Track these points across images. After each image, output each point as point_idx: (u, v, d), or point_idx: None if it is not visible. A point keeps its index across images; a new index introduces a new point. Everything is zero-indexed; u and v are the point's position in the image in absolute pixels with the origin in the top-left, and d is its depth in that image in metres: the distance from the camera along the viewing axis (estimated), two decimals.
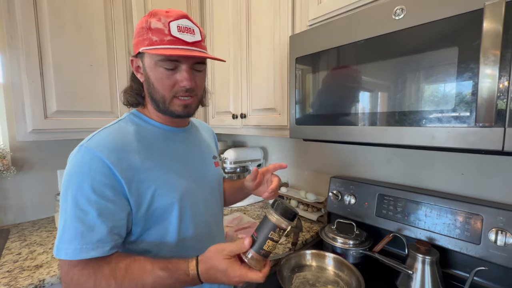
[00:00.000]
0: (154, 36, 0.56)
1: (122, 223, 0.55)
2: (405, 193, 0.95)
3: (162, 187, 0.60)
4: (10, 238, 1.12)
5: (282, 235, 0.55)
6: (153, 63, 0.58)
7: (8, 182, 1.24)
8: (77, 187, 0.52)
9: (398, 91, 0.67)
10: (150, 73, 0.59)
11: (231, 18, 1.35)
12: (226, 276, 0.52)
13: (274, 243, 0.54)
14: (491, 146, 0.54)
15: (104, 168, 0.53)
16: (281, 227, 0.54)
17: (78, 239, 0.50)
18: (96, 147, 0.54)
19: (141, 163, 0.58)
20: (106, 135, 0.58)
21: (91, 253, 0.50)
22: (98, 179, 0.52)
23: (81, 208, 0.51)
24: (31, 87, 1.01)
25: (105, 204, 0.52)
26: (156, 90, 0.60)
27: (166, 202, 0.60)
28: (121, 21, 1.23)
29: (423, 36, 0.62)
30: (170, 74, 0.58)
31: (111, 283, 0.51)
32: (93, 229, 0.51)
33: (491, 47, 0.51)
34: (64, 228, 0.52)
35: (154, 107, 0.64)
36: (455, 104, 0.58)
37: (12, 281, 0.81)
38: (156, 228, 0.60)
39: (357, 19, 0.74)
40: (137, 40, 0.59)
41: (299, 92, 0.94)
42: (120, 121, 0.64)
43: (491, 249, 0.75)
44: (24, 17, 0.99)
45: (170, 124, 0.68)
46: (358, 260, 0.95)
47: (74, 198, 0.51)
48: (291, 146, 1.56)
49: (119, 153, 0.55)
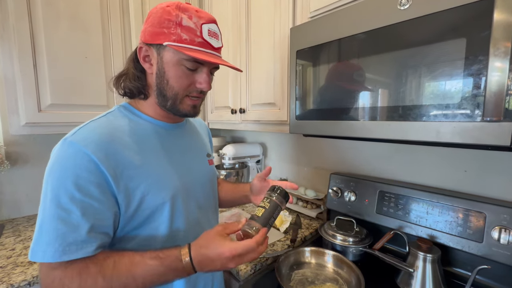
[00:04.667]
0: (184, 34, 0.54)
1: (108, 222, 0.52)
2: (406, 190, 0.93)
3: (153, 186, 0.56)
4: (5, 233, 1.10)
5: (267, 201, 0.59)
6: (176, 60, 0.56)
7: (2, 177, 1.22)
8: (59, 184, 0.48)
9: (402, 85, 0.65)
10: (167, 69, 0.57)
11: (230, 11, 1.32)
12: (217, 252, 0.49)
13: (262, 208, 0.57)
14: (498, 141, 0.52)
15: (90, 164, 0.49)
16: (268, 196, 0.61)
17: (59, 241, 0.46)
18: (81, 141, 0.50)
19: (130, 159, 0.54)
20: (93, 129, 0.54)
21: (74, 255, 0.47)
22: (82, 176, 0.48)
23: (62, 207, 0.47)
24: (24, 79, 0.98)
25: (90, 203, 0.49)
26: (170, 86, 0.58)
27: (157, 201, 0.57)
28: (117, 12, 1.19)
29: (429, 27, 0.59)
30: (190, 74, 0.58)
31: (98, 281, 0.47)
32: (77, 229, 0.48)
33: (502, 39, 0.48)
34: (42, 228, 0.47)
35: (160, 102, 0.60)
36: (462, 98, 0.55)
37: (5, 277, 0.79)
38: (146, 228, 0.57)
39: (360, 9, 0.71)
40: (158, 30, 0.54)
41: (299, 87, 0.91)
42: (108, 114, 0.60)
43: (494, 247, 0.73)
44: (16, 7, 0.95)
45: (166, 120, 0.65)
46: (358, 258, 0.94)
47: (55, 196, 0.47)
48: (290, 142, 1.54)
49: (107, 149, 0.52)
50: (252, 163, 1.63)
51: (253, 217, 0.57)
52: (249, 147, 1.62)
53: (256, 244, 0.51)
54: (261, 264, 0.90)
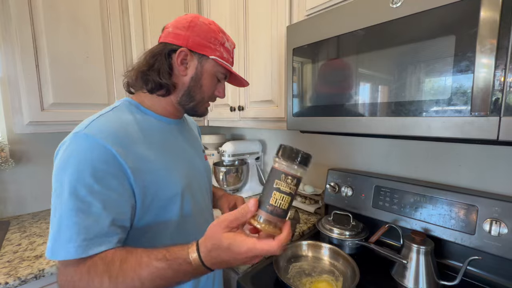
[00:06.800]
0: (225, 53, 0.67)
1: (127, 216, 0.52)
2: (402, 184, 0.95)
3: (165, 179, 0.59)
4: (10, 229, 1.13)
5: (292, 184, 0.42)
6: (213, 71, 0.66)
7: (7, 175, 1.25)
8: (77, 177, 0.46)
9: (395, 81, 0.67)
10: (204, 76, 0.65)
11: (228, 10, 1.33)
12: (231, 253, 0.42)
13: (284, 195, 0.41)
14: (486, 135, 0.54)
15: (107, 156, 0.49)
16: (288, 172, 0.42)
17: (82, 235, 0.45)
18: (97, 134, 0.50)
19: (145, 153, 0.56)
20: (106, 122, 0.54)
21: (97, 248, 0.46)
22: (101, 168, 0.48)
23: (82, 200, 0.46)
24: (27, 79, 1.01)
25: (110, 195, 0.48)
26: (202, 91, 0.66)
27: (169, 193, 0.59)
28: (117, 12, 1.21)
29: (421, 24, 0.61)
30: (215, 83, 0.69)
31: (104, 281, 0.45)
32: (99, 222, 0.47)
33: (488, 36, 0.50)
34: (61, 224, 0.46)
35: (182, 101, 0.66)
36: (451, 94, 0.57)
37: (12, 270, 0.82)
38: (158, 220, 0.58)
39: (354, 7, 0.73)
40: (205, 43, 0.63)
41: (296, 84, 0.93)
42: (115, 109, 0.60)
43: (485, 239, 0.75)
44: (18, 9, 0.97)
45: (170, 115, 0.68)
46: (354, 251, 0.96)
47: (73, 190, 0.46)
48: (289, 139, 1.56)
49: (123, 141, 0.52)
50: (252, 160, 1.65)
51: (266, 207, 0.42)
52: (248, 144, 1.64)
53: (279, 247, 0.41)
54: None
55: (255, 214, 0.43)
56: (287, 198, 0.42)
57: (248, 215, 0.43)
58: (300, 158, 0.42)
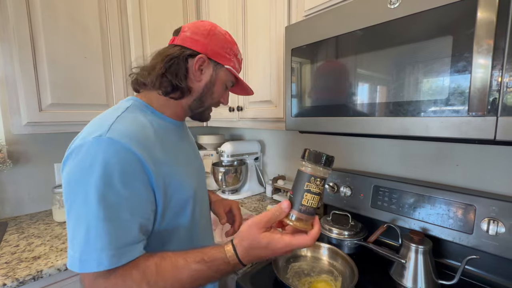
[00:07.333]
0: (237, 64, 0.70)
1: (151, 221, 0.52)
2: (400, 184, 0.95)
3: (180, 182, 0.58)
4: (8, 230, 1.13)
5: (321, 184, 0.48)
6: (225, 80, 0.68)
7: (5, 176, 1.24)
8: (104, 183, 0.44)
9: (393, 82, 0.67)
10: (217, 83, 0.67)
11: (227, 10, 1.34)
12: (270, 250, 0.48)
13: (314, 196, 0.48)
14: (483, 135, 0.54)
15: (134, 161, 0.48)
16: (317, 175, 0.48)
17: (113, 244, 0.44)
18: (122, 138, 0.48)
19: (162, 156, 0.55)
20: (127, 125, 0.52)
21: (129, 257, 0.45)
22: (129, 172, 0.47)
23: (112, 207, 0.44)
24: (24, 80, 1.00)
25: (137, 200, 0.48)
26: (213, 97, 0.68)
27: (184, 196, 0.59)
28: (115, 12, 1.21)
29: (418, 25, 0.61)
30: (223, 91, 0.70)
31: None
32: (129, 230, 0.46)
33: (485, 36, 0.50)
34: (89, 234, 0.43)
35: (192, 105, 0.66)
36: (449, 94, 0.57)
37: (10, 272, 0.82)
38: (172, 223, 0.58)
39: (352, 8, 0.73)
40: (222, 52, 0.65)
41: (295, 84, 0.93)
42: (128, 110, 0.57)
43: (483, 238, 0.75)
44: (16, 10, 0.97)
45: (177, 118, 0.68)
46: (353, 251, 0.96)
47: (102, 197, 0.44)
48: (288, 139, 1.56)
49: (145, 145, 0.51)
50: (251, 160, 1.65)
51: (299, 207, 0.49)
52: (247, 145, 1.64)
53: (313, 241, 0.48)
54: None
55: (288, 213, 0.49)
56: (316, 197, 0.48)
57: (282, 216, 0.49)
58: (325, 160, 0.49)
